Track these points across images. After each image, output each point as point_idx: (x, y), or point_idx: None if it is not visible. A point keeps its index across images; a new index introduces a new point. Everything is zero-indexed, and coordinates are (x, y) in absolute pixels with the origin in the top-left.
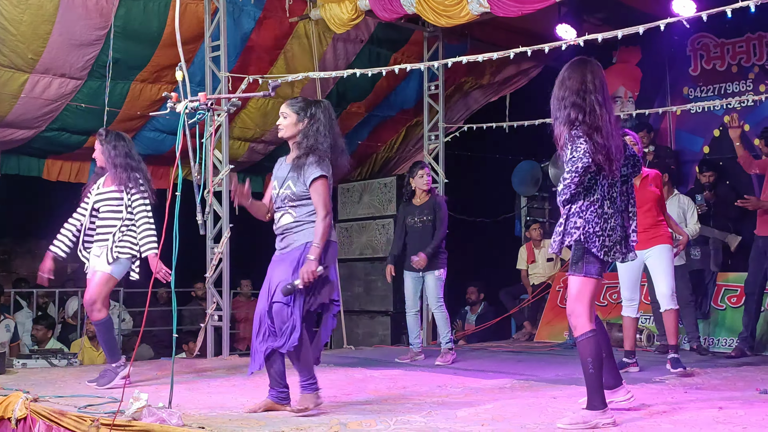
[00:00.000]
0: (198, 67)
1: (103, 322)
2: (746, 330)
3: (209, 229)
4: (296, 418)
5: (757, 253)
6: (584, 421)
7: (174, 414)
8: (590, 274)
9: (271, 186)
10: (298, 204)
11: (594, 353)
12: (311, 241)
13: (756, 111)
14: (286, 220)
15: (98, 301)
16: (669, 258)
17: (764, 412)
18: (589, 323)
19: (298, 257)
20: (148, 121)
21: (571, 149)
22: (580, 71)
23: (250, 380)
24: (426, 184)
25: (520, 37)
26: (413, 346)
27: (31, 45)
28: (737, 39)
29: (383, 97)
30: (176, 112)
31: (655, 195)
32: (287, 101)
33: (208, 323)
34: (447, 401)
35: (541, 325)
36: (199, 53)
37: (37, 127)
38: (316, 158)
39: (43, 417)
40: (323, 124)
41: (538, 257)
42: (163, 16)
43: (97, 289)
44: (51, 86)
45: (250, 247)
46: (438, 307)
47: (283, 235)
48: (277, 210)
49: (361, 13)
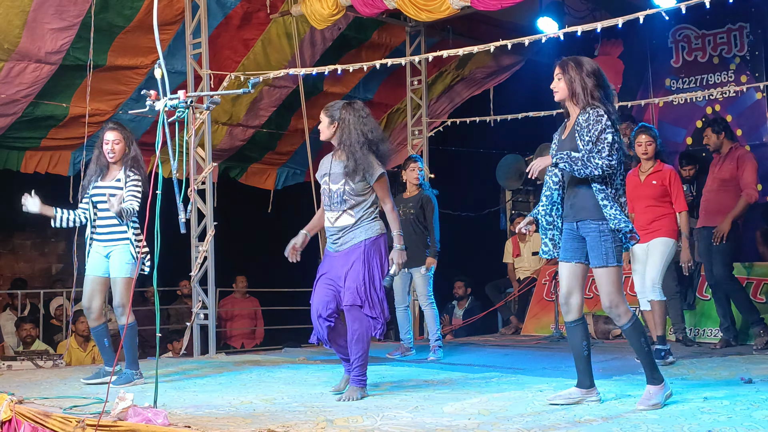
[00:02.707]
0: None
1: (131, 326)
2: (725, 320)
3: (194, 228)
4: (283, 415)
5: (704, 245)
6: (657, 395)
7: (160, 413)
8: (621, 261)
9: (322, 181)
10: (355, 204)
11: (644, 332)
12: (369, 237)
13: (738, 102)
14: (345, 221)
15: (127, 305)
16: (661, 251)
17: (748, 401)
18: (628, 310)
19: (361, 254)
20: (124, 103)
21: (607, 136)
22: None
23: (236, 378)
24: (416, 178)
25: (502, 31)
26: (404, 342)
27: (8, 36)
28: (718, 30)
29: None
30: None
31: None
32: (325, 107)
33: (194, 322)
34: (434, 396)
35: (527, 319)
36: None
37: (13, 114)
38: (368, 155)
39: (28, 419)
40: (353, 123)
41: (524, 251)
42: (138, 3)
43: (124, 295)
44: (26, 71)
45: (244, 245)
46: (428, 305)
47: (340, 234)
48: (331, 208)
49: (342, 8)
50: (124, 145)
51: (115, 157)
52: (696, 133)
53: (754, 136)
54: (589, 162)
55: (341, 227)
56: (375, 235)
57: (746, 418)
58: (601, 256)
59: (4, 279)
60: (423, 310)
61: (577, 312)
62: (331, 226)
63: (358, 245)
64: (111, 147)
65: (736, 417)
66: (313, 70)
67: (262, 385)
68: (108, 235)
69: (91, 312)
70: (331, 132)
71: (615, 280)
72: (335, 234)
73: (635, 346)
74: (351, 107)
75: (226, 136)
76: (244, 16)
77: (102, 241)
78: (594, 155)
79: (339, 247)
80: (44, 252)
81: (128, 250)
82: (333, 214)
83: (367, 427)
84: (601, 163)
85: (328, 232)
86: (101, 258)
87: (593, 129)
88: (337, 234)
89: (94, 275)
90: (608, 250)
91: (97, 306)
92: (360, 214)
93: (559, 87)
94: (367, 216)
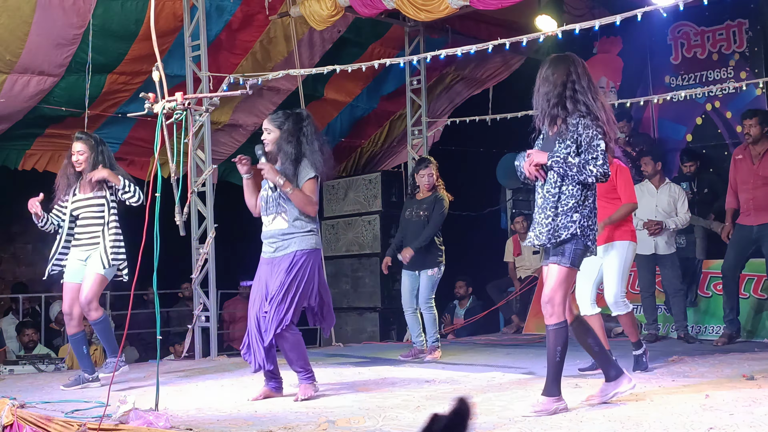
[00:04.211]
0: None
1: (102, 320)
2: (731, 312)
3: (194, 230)
4: (285, 416)
5: (741, 239)
6: (545, 408)
7: (161, 416)
8: (575, 264)
9: (261, 189)
10: (289, 207)
11: (564, 343)
12: (300, 249)
13: (738, 98)
14: (278, 225)
15: (94, 301)
16: (622, 257)
17: (751, 397)
18: (564, 313)
19: (287, 266)
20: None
21: (587, 142)
22: (563, 65)
23: (238, 380)
24: (426, 184)
25: (501, 30)
26: (416, 344)
27: (9, 46)
28: (717, 27)
29: (362, 86)
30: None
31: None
32: (268, 117)
33: (196, 324)
34: (436, 396)
35: (529, 318)
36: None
37: (15, 119)
38: (301, 162)
39: (30, 423)
40: (290, 132)
41: (524, 250)
42: (141, 14)
43: (93, 289)
44: (29, 84)
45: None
46: (427, 308)
47: (273, 239)
48: (267, 213)
49: (341, 9)
50: (89, 155)
51: (81, 167)
52: (696, 130)
53: None
54: (584, 169)
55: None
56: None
57: (748, 415)
58: (556, 253)
59: (5, 283)
60: (422, 312)
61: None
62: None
63: (288, 256)
64: (76, 157)
65: (738, 414)
66: (312, 71)
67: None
68: (89, 239)
69: (72, 319)
70: (273, 140)
71: (564, 278)
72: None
73: (549, 351)
74: (294, 116)
75: (226, 136)
76: (244, 20)
77: (81, 246)
78: (590, 162)
79: (272, 254)
80: (45, 256)
81: (108, 254)
82: (268, 217)
83: (369, 427)
84: (596, 171)
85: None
86: (80, 264)
87: (583, 135)
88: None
89: (73, 282)
90: (563, 250)
91: (78, 313)
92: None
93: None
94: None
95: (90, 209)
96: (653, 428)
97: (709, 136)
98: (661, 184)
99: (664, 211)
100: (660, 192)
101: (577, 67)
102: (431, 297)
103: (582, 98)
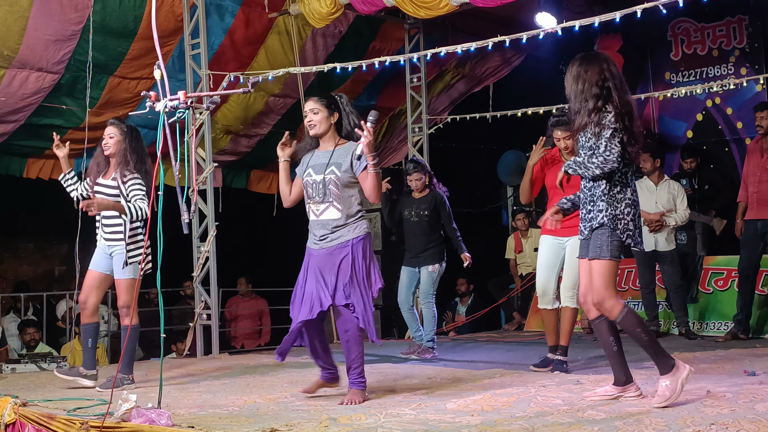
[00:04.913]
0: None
1: (131, 329)
2: (741, 312)
3: (195, 228)
4: (286, 414)
5: (751, 235)
6: (671, 389)
7: (163, 414)
8: (615, 256)
9: (299, 176)
10: (342, 195)
11: (640, 322)
12: (355, 237)
13: (738, 94)
14: (331, 214)
15: (127, 306)
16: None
17: (752, 393)
18: (620, 301)
19: (343, 257)
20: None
21: (606, 138)
22: (597, 63)
23: (240, 378)
24: (416, 189)
25: (501, 27)
26: (416, 340)
27: (7, 42)
28: (717, 23)
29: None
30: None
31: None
32: (312, 98)
33: (197, 322)
34: (437, 393)
35: (530, 315)
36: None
37: (16, 122)
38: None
39: (32, 421)
40: (356, 115)
41: (526, 247)
42: (139, 11)
43: (123, 297)
44: (28, 80)
45: (245, 246)
46: (426, 303)
47: (324, 230)
48: (313, 200)
49: (340, 6)
50: (119, 140)
51: (109, 150)
52: (696, 126)
53: (754, 128)
54: (588, 164)
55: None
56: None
57: (749, 411)
58: (595, 248)
59: (7, 282)
60: (421, 307)
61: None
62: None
63: (345, 244)
64: (106, 140)
65: (739, 410)
66: (312, 69)
67: (266, 384)
68: (111, 234)
69: (86, 307)
70: (329, 123)
71: (607, 272)
72: (320, 227)
73: (635, 338)
74: (344, 98)
75: (230, 142)
76: (245, 26)
77: (106, 240)
78: (590, 157)
79: (326, 243)
80: (47, 255)
81: (126, 255)
82: (316, 205)
83: (370, 425)
84: (597, 162)
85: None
86: (104, 255)
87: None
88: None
89: (96, 270)
90: (599, 243)
91: (93, 302)
92: (347, 209)
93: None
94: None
95: (111, 199)
96: (655, 424)
97: (710, 133)
98: (660, 180)
99: (663, 208)
100: (659, 189)
101: (609, 66)
102: (431, 293)
103: (615, 95)
